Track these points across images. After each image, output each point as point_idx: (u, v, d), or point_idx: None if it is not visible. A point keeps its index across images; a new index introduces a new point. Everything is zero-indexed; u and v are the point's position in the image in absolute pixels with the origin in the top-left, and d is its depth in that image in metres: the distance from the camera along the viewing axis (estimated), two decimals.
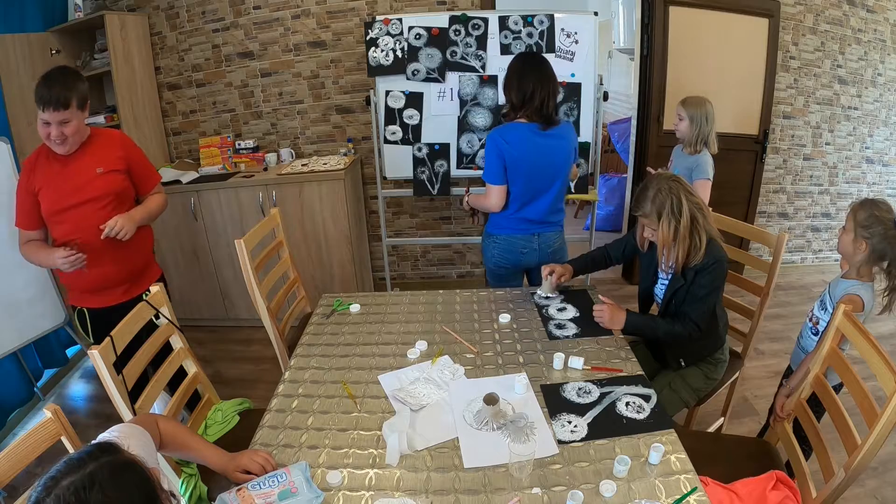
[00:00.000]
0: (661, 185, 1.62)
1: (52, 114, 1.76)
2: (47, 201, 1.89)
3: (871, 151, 3.87)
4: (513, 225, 2.17)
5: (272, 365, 2.96)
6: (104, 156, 1.97)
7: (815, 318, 1.80)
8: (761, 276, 2.01)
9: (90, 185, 1.93)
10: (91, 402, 2.96)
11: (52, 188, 1.89)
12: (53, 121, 1.78)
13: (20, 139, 2.79)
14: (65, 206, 1.90)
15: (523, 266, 2.26)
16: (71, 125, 1.82)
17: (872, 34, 3.54)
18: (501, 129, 2.06)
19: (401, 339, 1.81)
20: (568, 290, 2.09)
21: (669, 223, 1.60)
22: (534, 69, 2.01)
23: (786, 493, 1.37)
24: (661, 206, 1.60)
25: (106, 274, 2.00)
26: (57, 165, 1.90)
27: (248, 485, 1.18)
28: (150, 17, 3.37)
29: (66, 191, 1.90)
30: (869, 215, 1.61)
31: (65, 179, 1.90)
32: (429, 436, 1.36)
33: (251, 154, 3.50)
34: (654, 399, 1.45)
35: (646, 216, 1.65)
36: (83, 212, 1.92)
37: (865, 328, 1.38)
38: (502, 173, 2.07)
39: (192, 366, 1.77)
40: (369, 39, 2.94)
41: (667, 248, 1.65)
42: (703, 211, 1.63)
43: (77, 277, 1.95)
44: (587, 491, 1.17)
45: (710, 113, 2.44)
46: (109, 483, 0.76)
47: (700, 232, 1.61)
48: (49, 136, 1.81)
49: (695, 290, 1.67)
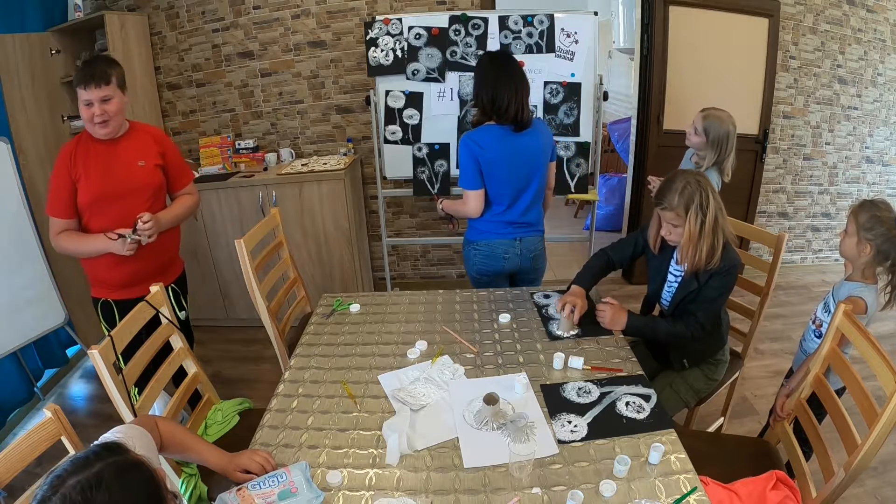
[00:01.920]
0: (689, 179, 1.58)
1: (95, 91, 1.78)
2: (89, 190, 1.87)
3: (871, 151, 3.87)
4: (494, 229, 2.15)
5: (272, 365, 2.96)
6: (145, 149, 1.99)
7: (818, 320, 1.80)
8: (761, 276, 2.01)
9: (133, 177, 1.94)
10: (91, 402, 2.96)
11: (95, 177, 1.88)
12: (96, 98, 1.79)
13: (20, 139, 2.79)
14: (108, 195, 1.90)
15: (506, 271, 2.23)
16: (113, 102, 1.84)
17: (872, 34, 3.54)
18: (473, 134, 2.04)
19: (401, 339, 1.81)
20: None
21: (697, 217, 1.56)
22: (506, 76, 1.96)
23: (786, 492, 1.37)
24: (690, 199, 1.55)
25: (142, 267, 2.00)
26: (100, 154, 1.90)
27: (248, 485, 1.19)
28: (149, 16, 3.37)
29: (109, 180, 1.89)
30: (870, 217, 1.60)
31: (108, 168, 1.90)
32: (429, 436, 1.36)
33: (251, 154, 3.51)
34: (654, 399, 1.45)
35: (671, 209, 1.58)
36: (125, 203, 1.92)
37: (865, 328, 1.38)
38: (478, 177, 2.06)
39: (192, 366, 1.76)
40: (369, 39, 2.94)
41: (692, 243, 1.59)
42: (723, 212, 1.61)
43: (111, 271, 1.95)
44: (587, 491, 1.17)
45: (732, 134, 2.19)
46: (116, 483, 0.76)
47: (719, 233, 1.59)
48: (92, 118, 1.82)
49: (706, 292, 1.66)
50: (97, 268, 1.98)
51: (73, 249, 1.93)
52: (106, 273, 1.98)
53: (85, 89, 1.78)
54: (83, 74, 1.78)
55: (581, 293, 1.84)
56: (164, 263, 2.13)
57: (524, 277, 2.29)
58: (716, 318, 1.74)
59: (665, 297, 1.82)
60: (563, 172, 3.06)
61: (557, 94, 2.96)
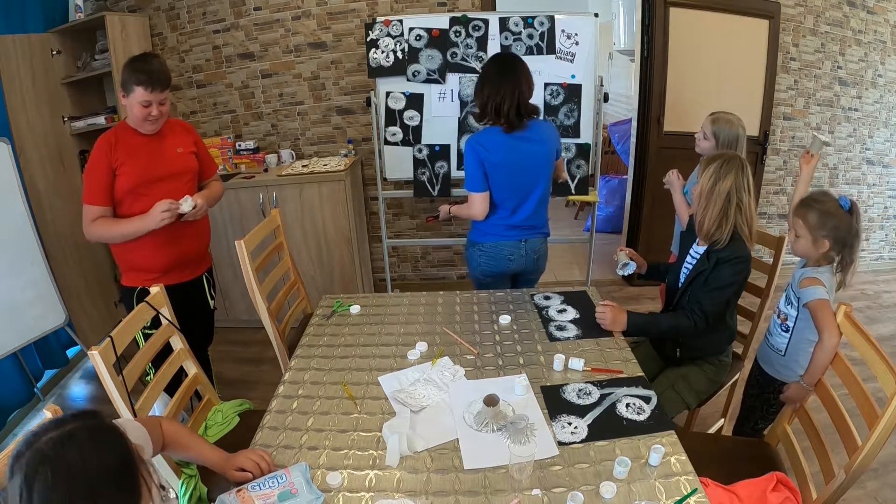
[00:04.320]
0: (728, 154, 1.71)
1: (158, 94, 1.89)
2: (134, 174, 1.93)
3: (871, 153, 3.88)
4: (499, 232, 2.16)
5: (272, 366, 2.95)
6: (180, 138, 2.11)
7: (782, 314, 1.81)
8: (762, 278, 2.02)
9: (175, 162, 2.05)
10: (91, 402, 2.95)
11: (139, 162, 1.95)
12: (156, 100, 1.90)
13: (21, 139, 2.79)
14: (152, 178, 1.97)
15: (510, 273, 2.24)
16: (167, 103, 1.97)
17: (873, 35, 3.55)
18: (479, 136, 2.05)
19: (401, 341, 1.81)
20: (568, 293, 2.09)
21: (711, 177, 1.66)
22: (504, 77, 1.99)
23: (786, 494, 1.37)
24: (713, 160, 1.68)
25: (184, 251, 2.09)
26: (141, 142, 1.97)
27: (247, 486, 1.18)
28: (150, 17, 3.37)
29: (153, 165, 1.98)
30: (819, 214, 1.64)
31: (151, 154, 1.98)
32: (429, 437, 1.36)
33: (251, 155, 3.51)
34: (655, 401, 1.45)
35: (701, 165, 1.73)
36: (169, 186, 2.00)
37: (865, 329, 1.38)
38: (484, 180, 2.06)
39: (192, 367, 1.76)
40: (370, 41, 2.94)
41: (702, 199, 1.68)
42: (744, 193, 1.65)
43: (155, 254, 2.01)
44: (587, 492, 1.17)
45: (742, 137, 2.19)
46: (88, 442, 0.77)
47: (732, 207, 1.64)
48: (148, 116, 1.91)
49: (713, 280, 1.69)
50: (139, 254, 2.01)
51: (108, 234, 1.96)
52: (150, 257, 2.02)
53: (150, 91, 1.87)
54: (147, 77, 1.85)
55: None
56: (202, 251, 2.23)
57: (527, 278, 2.30)
58: (720, 313, 1.74)
59: (683, 273, 1.86)
60: None
61: (558, 96, 2.96)
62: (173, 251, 2.05)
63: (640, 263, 2.04)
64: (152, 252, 2.01)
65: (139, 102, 1.88)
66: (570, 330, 1.82)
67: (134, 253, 2.01)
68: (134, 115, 1.93)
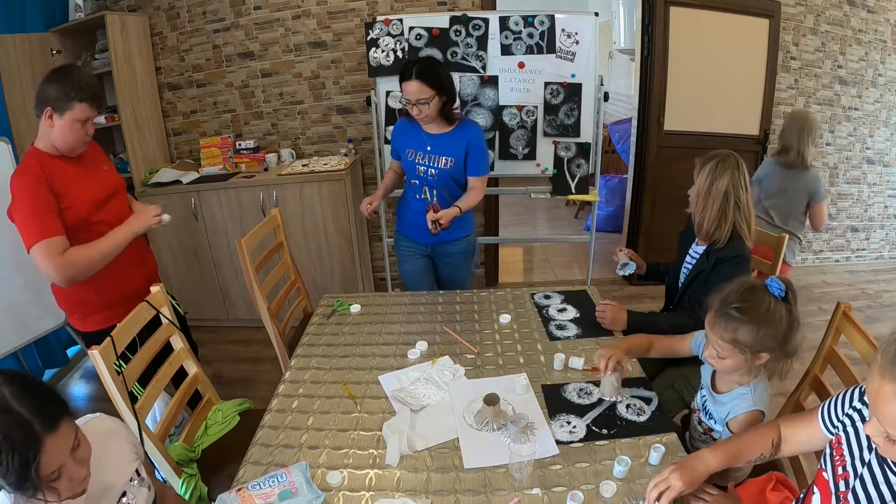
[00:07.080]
0: (723, 152, 1.70)
1: (96, 112, 1.72)
2: (82, 206, 1.74)
3: (871, 152, 3.87)
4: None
5: (272, 365, 2.96)
6: (97, 155, 1.93)
7: (704, 425, 1.45)
8: (761, 278, 2.01)
9: (108, 180, 1.89)
10: (91, 402, 2.96)
11: (83, 191, 1.76)
12: (93, 118, 1.73)
13: (21, 139, 2.79)
14: (98, 204, 1.81)
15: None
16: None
17: (873, 35, 3.55)
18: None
19: (401, 340, 1.81)
20: (568, 293, 2.09)
21: (708, 176, 1.67)
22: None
23: (786, 493, 1.37)
24: (709, 160, 1.69)
25: (135, 278, 1.90)
26: (72, 169, 1.76)
27: (248, 485, 1.19)
28: (150, 17, 3.37)
29: (94, 189, 1.81)
30: (752, 328, 1.23)
31: (87, 176, 1.80)
32: (429, 436, 1.36)
33: (252, 154, 3.51)
34: (655, 402, 1.45)
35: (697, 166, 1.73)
36: (113, 207, 1.86)
37: (865, 328, 1.38)
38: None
39: (192, 366, 1.77)
40: (370, 40, 2.94)
41: (700, 199, 1.69)
42: (742, 192, 1.66)
43: (105, 285, 1.81)
44: (587, 492, 1.17)
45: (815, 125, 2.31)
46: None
47: (730, 206, 1.65)
48: (86, 136, 1.74)
49: (713, 280, 1.68)
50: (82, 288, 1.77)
51: (93, 255, 1.71)
52: (96, 290, 1.81)
53: (96, 109, 1.71)
54: (92, 92, 1.68)
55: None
56: (153, 274, 2.06)
57: None
58: None
59: (683, 273, 1.87)
60: (564, 173, 3.06)
61: (558, 95, 2.96)
62: (119, 282, 1.85)
63: (639, 264, 2.04)
64: (97, 288, 1.80)
65: (78, 120, 1.68)
66: (571, 329, 1.82)
67: (78, 289, 1.76)
68: (67, 138, 1.69)
